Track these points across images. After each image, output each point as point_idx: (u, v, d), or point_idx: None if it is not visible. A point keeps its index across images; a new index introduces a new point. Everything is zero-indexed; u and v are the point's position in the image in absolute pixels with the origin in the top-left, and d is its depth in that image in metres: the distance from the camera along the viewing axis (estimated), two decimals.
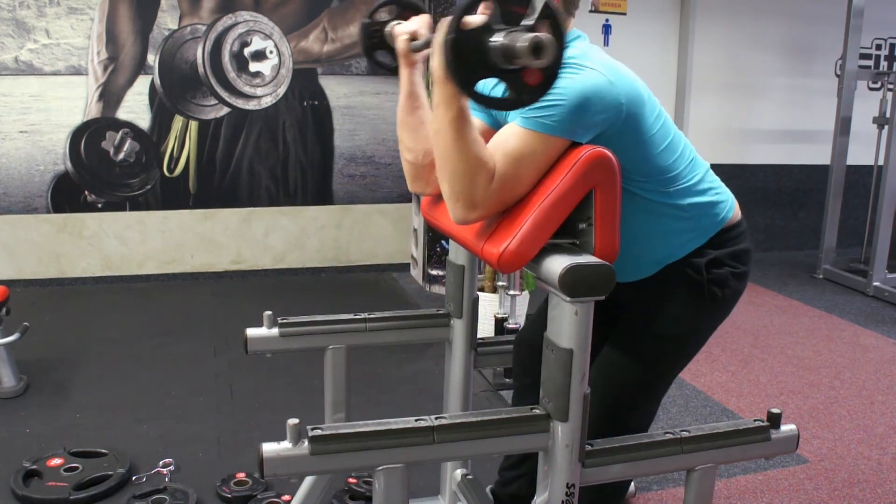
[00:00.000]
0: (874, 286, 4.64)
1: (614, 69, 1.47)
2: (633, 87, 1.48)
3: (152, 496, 2.20)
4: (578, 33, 1.56)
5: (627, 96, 1.45)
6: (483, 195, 1.39)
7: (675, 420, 2.90)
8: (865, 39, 5.30)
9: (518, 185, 1.42)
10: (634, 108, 1.47)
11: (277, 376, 3.11)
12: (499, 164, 1.40)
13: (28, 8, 4.10)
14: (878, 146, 4.91)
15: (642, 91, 1.51)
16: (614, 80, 1.44)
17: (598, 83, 1.41)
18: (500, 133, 1.46)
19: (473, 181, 1.37)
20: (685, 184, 1.59)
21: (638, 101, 1.48)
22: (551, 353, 1.38)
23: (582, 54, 1.47)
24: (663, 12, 5.18)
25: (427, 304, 4.17)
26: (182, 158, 4.44)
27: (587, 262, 1.33)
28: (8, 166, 4.21)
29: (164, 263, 4.51)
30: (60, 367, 3.20)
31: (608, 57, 1.51)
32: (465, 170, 1.37)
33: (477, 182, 1.38)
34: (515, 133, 1.43)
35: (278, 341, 1.83)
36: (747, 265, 1.69)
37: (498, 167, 1.40)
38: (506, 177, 1.40)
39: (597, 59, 1.47)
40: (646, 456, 1.51)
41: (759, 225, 5.58)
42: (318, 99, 4.61)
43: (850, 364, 3.52)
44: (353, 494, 2.23)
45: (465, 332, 1.91)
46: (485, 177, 1.38)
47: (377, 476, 1.35)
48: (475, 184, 1.38)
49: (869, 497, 2.40)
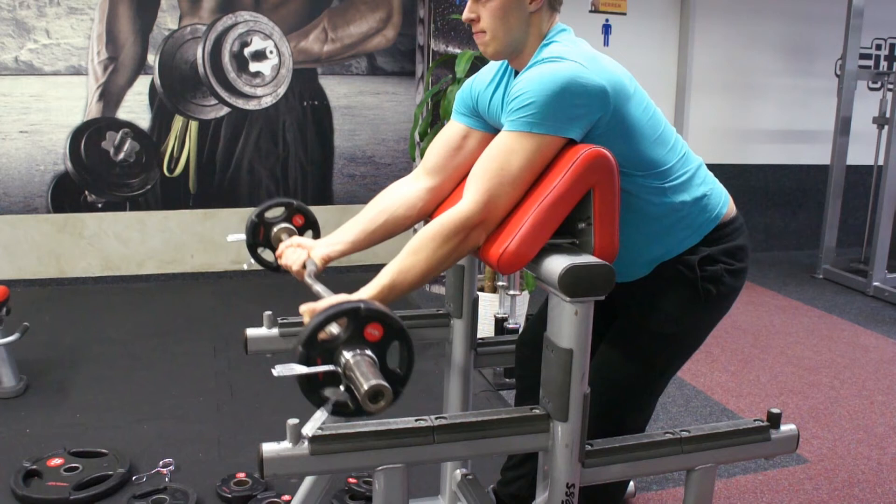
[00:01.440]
0: (874, 286, 4.64)
1: (595, 60, 1.47)
2: (615, 77, 1.47)
3: (152, 496, 2.20)
4: (563, 27, 1.57)
5: (611, 85, 1.44)
6: (478, 219, 1.43)
7: (675, 420, 2.90)
8: (865, 39, 5.30)
9: (513, 187, 1.43)
10: (620, 98, 1.46)
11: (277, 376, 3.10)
12: (483, 179, 1.44)
13: (28, 8, 4.10)
14: (878, 146, 4.91)
15: (627, 83, 1.50)
16: (594, 69, 1.44)
17: (574, 72, 1.42)
18: (488, 148, 1.49)
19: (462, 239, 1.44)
20: (677, 180, 1.58)
21: (623, 92, 1.47)
22: (551, 353, 1.38)
23: (563, 48, 1.49)
24: (663, 12, 5.18)
25: (427, 304, 4.17)
26: (182, 158, 4.45)
27: (587, 261, 1.33)
28: (8, 166, 4.21)
29: (164, 263, 4.51)
30: (60, 367, 3.20)
31: (592, 50, 1.52)
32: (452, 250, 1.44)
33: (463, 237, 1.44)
34: (501, 140, 1.46)
35: (278, 341, 1.84)
36: (743, 261, 1.67)
37: (481, 183, 1.44)
38: (492, 187, 1.43)
39: (579, 51, 1.48)
40: (646, 456, 1.51)
41: (759, 225, 5.58)
42: (318, 99, 4.61)
43: (850, 364, 3.52)
44: (353, 494, 2.23)
45: (465, 332, 1.91)
46: (462, 227, 1.43)
47: (377, 476, 1.35)
48: (466, 237, 1.44)
49: (869, 497, 2.40)
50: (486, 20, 1.53)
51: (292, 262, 1.69)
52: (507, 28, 1.52)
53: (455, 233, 1.43)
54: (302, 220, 1.90)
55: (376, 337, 1.22)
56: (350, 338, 1.21)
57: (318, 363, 1.21)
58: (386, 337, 1.23)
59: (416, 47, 4.66)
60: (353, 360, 1.19)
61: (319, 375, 1.21)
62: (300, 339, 1.21)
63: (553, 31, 1.55)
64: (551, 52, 1.48)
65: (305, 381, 1.22)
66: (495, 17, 1.51)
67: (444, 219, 1.44)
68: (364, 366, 1.18)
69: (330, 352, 1.22)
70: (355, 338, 1.21)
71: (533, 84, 1.42)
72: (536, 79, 1.42)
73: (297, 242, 1.74)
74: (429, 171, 1.73)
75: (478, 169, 1.47)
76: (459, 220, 1.43)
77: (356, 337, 1.21)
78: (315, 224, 1.90)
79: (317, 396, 1.23)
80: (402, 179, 1.79)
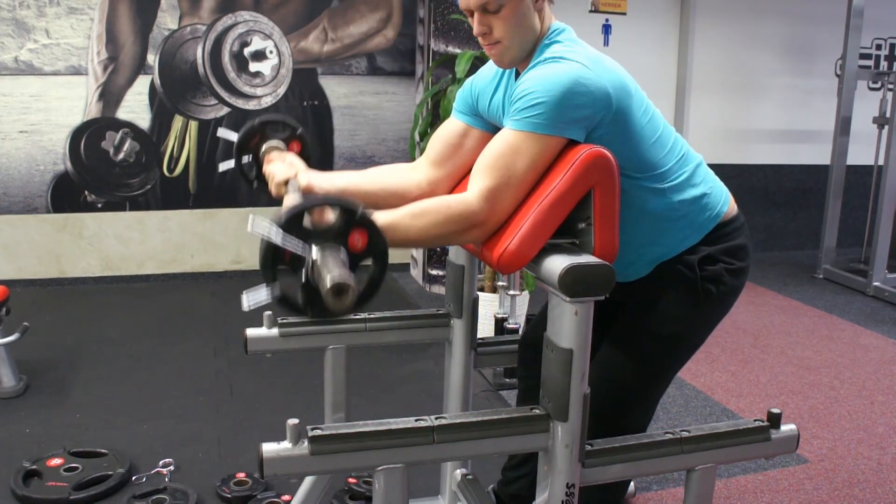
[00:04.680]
0: (874, 286, 4.64)
1: (598, 61, 1.47)
2: (618, 78, 1.47)
3: (152, 496, 2.20)
4: (563, 26, 1.56)
5: (613, 86, 1.44)
6: (481, 218, 1.42)
7: (675, 420, 2.90)
8: (865, 39, 5.30)
9: (518, 188, 1.43)
10: (622, 100, 1.46)
11: (277, 376, 3.11)
12: (489, 175, 1.42)
13: (28, 8, 4.10)
14: (878, 146, 4.91)
15: (629, 84, 1.50)
16: (598, 71, 1.44)
17: (580, 74, 1.41)
18: (492, 142, 1.48)
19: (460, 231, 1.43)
20: (676, 180, 1.58)
21: (625, 93, 1.47)
22: (551, 353, 1.38)
23: (566, 48, 1.48)
24: (663, 12, 5.18)
25: (427, 304, 4.17)
26: (182, 158, 4.44)
27: (587, 261, 1.33)
28: (8, 166, 4.21)
29: (164, 263, 4.51)
30: (60, 367, 3.20)
31: (593, 49, 1.52)
32: (446, 235, 1.43)
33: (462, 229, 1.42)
34: (507, 138, 1.45)
35: (278, 341, 1.83)
36: (744, 261, 1.67)
37: (488, 180, 1.42)
38: (498, 187, 1.42)
39: (580, 52, 1.47)
40: (646, 456, 1.51)
41: (759, 225, 5.58)
42: (318, 99, 4.61)
43: (850, 364, 3.52)
44: (353, 494, 2.23)
45: (465, 332, 1.91)
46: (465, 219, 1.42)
47: (377, 476, 1.35)
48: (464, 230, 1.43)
49: (869, 497, 2.39)
50: (499, 30, 1.50)
51: (276, 173, 1.66)
52: (523, 33, 1.51)
53: (458, 221, 1.41)
54: (299, 148, 1.84)
55: (358, 247, 1.18)
56: (334, 233, 1.17)
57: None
58: (367, 250, 1.18)
59: (416, 47, 4.66)
60: (327, 252, 1.14)
61: (286, 254, 1.15)
62: (287, 209, 1.16)
63: (553, 31, 1.55)
64: (554, 52, 1.48)
65: (271, 250, 1.15)
66: (509, 24, 1.49)
67: (453, 202, 1.43)
68: (337, 261, 1.14)
69: (308, 236, 1.16)
70: (339, 236, 1.17)
71: (540, 84, 1.41)
72: (542, 79, 1.42)
73: (289, 160, 1.71)
74: (431, 162, 1.73)
75: (484, 164, 1.45)
76: (466, 212, 1.41)
77: (340, 235, 1.17)
78: (309, 159, 1.82)
79: (271, 272, 1.17)
80: (404, 164, 1.78)
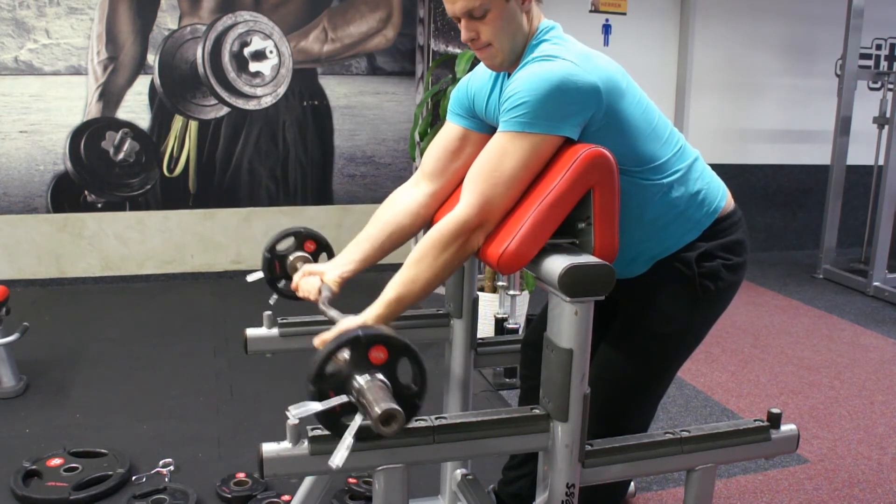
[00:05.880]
0: (874, 286, 4.64)
1: (586, 58, 1.47)
2: (607, 74, 1.47)
3: (152, 496, 2.20)
4: (551, 24, 1.56)
5: (603, 81, 1.44)
6: (475, 222, 1.43)
7: (675, 420, 2.90)
8: (865, 39, 5.30)
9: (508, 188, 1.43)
10: (613, 95, 1.46)
11: (277, 376, 3.11)
12: (477, 182, 1.44)
13: (28, 8, 4.10)
14: (878, 146, 4.91)
15: (619, 78, 1.50)
16: (585, 67, 1.44)
17: (566, 71, 1.42)
18: (486, 148, 1.49)
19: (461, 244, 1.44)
20: (673, 175, 1.57)
21: (615, 88, 1.47)
22: (551, 353, 1.38)
23: (554, 46, 1.49)
24: (663, 12, 5.18)
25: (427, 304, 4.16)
26: (182, 158, 4.44)
27: (587, 261, 1.33)
28: (8, 166, 4.21)
29: (164, 263, 4.51)
30: (60, 367, 3.19)
31: (583, 47, 1.52)
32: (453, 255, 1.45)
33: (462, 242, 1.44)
34: (494, 141, 1.47)
35: (278, 341, 1.84)
36: (741, 256, 1.66)
37: (475, 186, 1.44)
38: (486, 190, 1.43)
39: (569, 49, 1.48)
40: (646, 456, 1.51)
41: (759, 225, 5.58)
42: (318, 99, 4.61)
43: (850, 364, 3.52)
44: (353, 494, 2.23)
45: (465, 332, 1.91)
46: (460, 232, 1.43)
47: (377, 476, 1.35)
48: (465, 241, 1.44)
49: (869, 497, 2.39)
50: (487, 34, 1.50)
51: (308, 292, 1.69)
52: (511, 35, 1.51)
53: (454, 238, 1.43)
54: (313, 244, 1.89)
55: (382, 359, 1.22)
56: (357, 365, 1.21)
57: (330, 396, 1.21)
58: (392, 357, 1.23)
59: (416, 47, 4.65)
60: (364, 387, 1.19)
61: (336, 408, 1.21)
62: (309, 377, 1.21)
63: (542, 29, 1.55)
64: (542, 51, 1.48)
65: (324, 416, 1.22)
66: (496, 28, 1.49)
67: (442, 226, 1.44)
68: (374, 391, 1.18)
69: (341, 382, 1.22)
70: (362, 364, 1.21)
71: (525, 84, 1.42)
72: (528, 78, 1.42)
73: (308, 270, 1.73)
74: (428, 175, 1.72)
75: (473, 172, 1.48)
76: (457, 225, 1.43)
77: (363, 363, 1.21)
78: (327, 246, 1.89)
79: (339, 428, 1.22)
80: (401, 187, 1.79)
